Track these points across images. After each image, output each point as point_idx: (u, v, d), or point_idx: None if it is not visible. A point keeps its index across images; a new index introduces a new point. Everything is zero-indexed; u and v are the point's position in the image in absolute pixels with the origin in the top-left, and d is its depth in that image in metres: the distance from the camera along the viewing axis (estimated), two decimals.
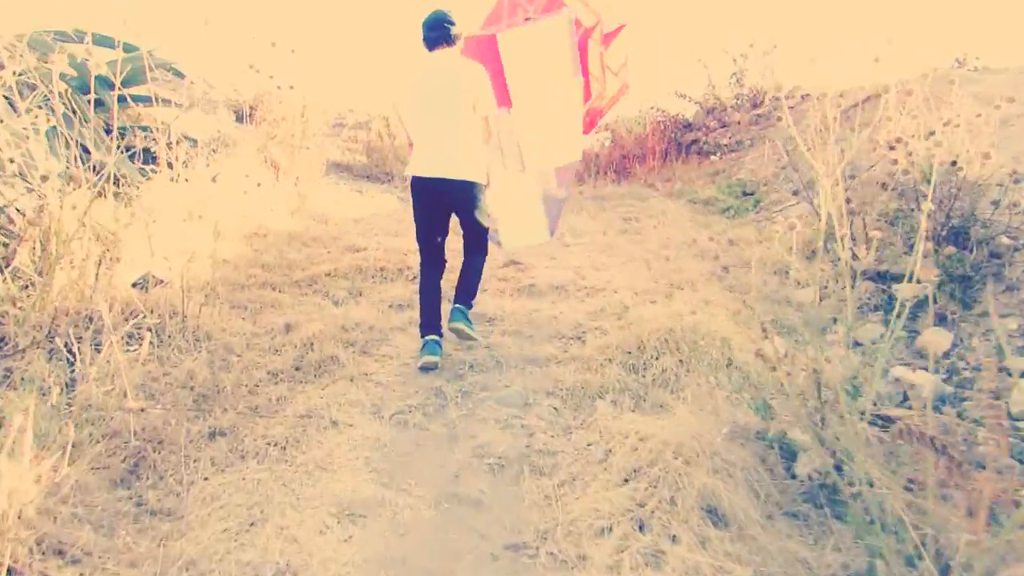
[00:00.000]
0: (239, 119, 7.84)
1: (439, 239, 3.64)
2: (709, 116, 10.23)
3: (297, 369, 3.27)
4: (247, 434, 2.71)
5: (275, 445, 2.67)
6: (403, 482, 2.47)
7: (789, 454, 2.44)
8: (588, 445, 2.68)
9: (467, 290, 3.61)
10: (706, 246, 4.89)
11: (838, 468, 2.15)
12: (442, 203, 3.54)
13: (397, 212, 5.82)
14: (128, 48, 4.75)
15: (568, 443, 2.74)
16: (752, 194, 6.81)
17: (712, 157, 8.49)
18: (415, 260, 4.64)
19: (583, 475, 2.47)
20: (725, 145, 8.77)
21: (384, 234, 5.05)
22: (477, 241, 3.67)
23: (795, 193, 5.64)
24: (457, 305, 3.56)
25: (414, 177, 3.49)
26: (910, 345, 3.39)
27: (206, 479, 2.42)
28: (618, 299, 4.00)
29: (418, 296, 3.59)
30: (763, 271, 4.38)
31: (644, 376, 3.15)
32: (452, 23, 3.54)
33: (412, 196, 3.56)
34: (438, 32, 3.53)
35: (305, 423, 2.83)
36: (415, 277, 4.43)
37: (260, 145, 6.05)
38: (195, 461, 2.51)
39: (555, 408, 3.00)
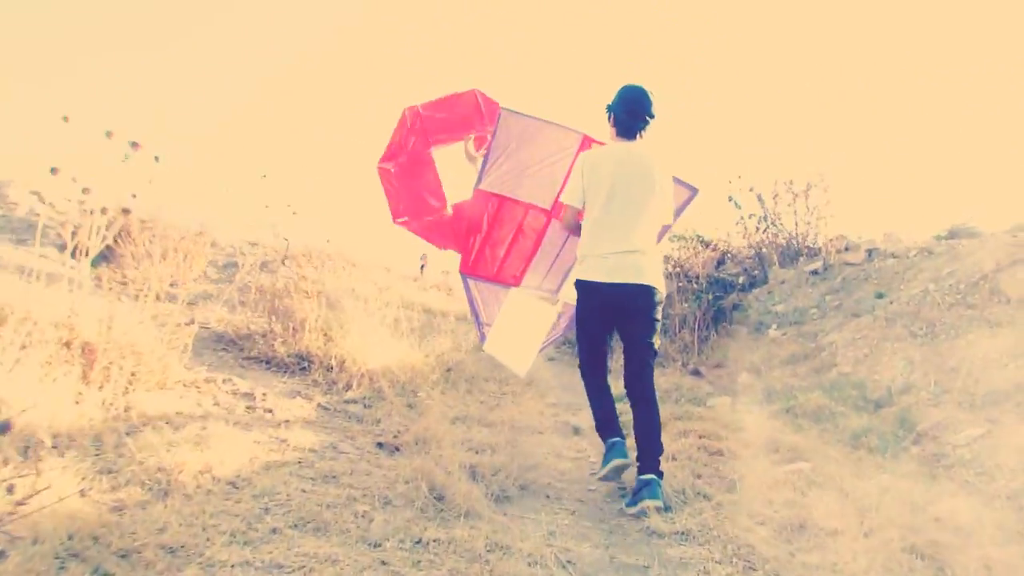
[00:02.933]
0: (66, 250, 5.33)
1: (607, 348, 3.59)
2: (736, 267, 8.29)
3: None
4: None
5: None
6: None
7: None
8: None
9: (653, 446, 3.24)
10: None
11: None
12: (616, 311, 3.36)
13: (326, 459, 3.20)
14: None
15: None
16: (882, 405, 4.60)
17: (771, 331, 6.35)
18: None
19: None
20: (779, 312, 6.69)
21: (301, 552, 2.44)
22: (645, 362, 3.35)
23: None
24: (648, 476, 3.14)
25: (588, 282, 3.36)
26: None
27: None
28: None
29: (587, 395, 3.54)
30: None
31: None
32: (652, 116, 3.47)
33: (582, 302, 3.45)
34: (635, 122, 3.46)
35: None
36: None
37: (66, 311, 3.46)
38: None
39: None
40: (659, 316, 3.37)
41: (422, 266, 14.41)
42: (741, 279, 7.63)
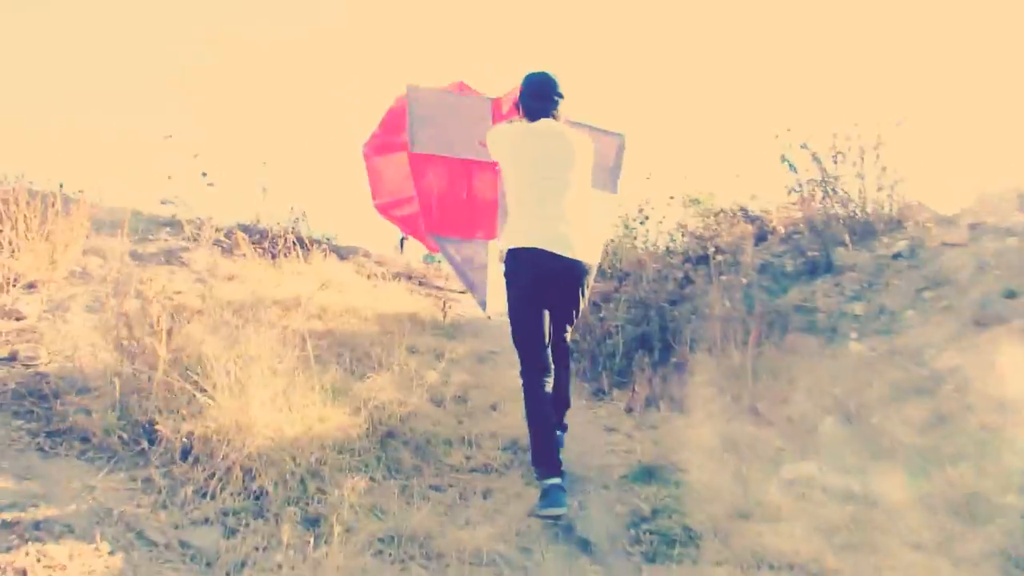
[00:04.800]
0: None
1: (547, 335, 3.25)
2: (781, 246, 6.57)
3: None
4: None
5: None
6: None
7: None
8: None
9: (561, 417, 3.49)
10: None
11: None
12: (553, 287, 3.22)
13: None
14: None
15: None
16: None
17: (852, 343, 4.65)
18: None
19: None
20: (858, 315, 4.98)
21: None
22: (565, 345, 3.49)
23: None
24: (552, 482, 2.95)
25: (522, 249, 3.17)
26: None
27: None
28: None
29: (527, 421, 3.12)
30: None
31: None
32: (561, 96, 3.42)
33: (515, 276, 3.24)
34: (545, 104, 3.40)
35: None
36: None
37: None
38: None
39: None
40: (587, 294, 3.39)
41: (402, 240, 12.58)
42: (798, 263, 5.91)
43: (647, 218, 6.98)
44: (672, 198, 7.11)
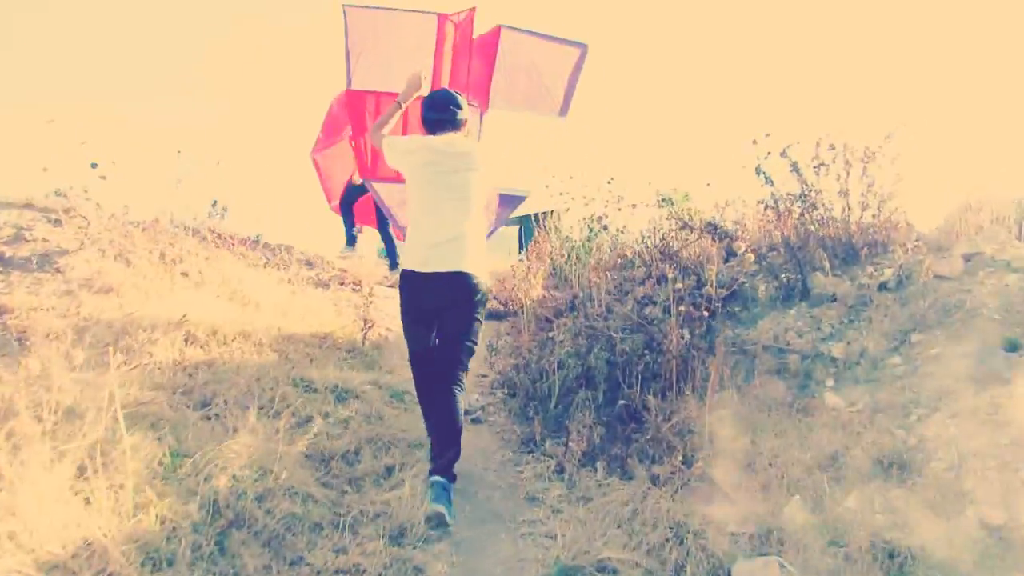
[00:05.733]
0: None
1: (432, 341, 3.32)
2: (751, 265, 5.87)
3: None
4: None
5: None
6: None
7: None
8: None
9: (447, 451, 3.14)
10: None
11: None
12: (435, 302, 3.22)
13: None
14: None
15: None
16: None
17: (828, 394, 3.97)
18: None
19: None
20: (837, 359, 4.30)
21: None
22: (458, 361, 3.27)
23: None
24: (437, 478, 3.05)
25: (408, 271, 3.26)
26: None
27: None
28: None
29: (423, 415, 3.35)
30: None
31: None
32: (460, 107, 3.41)
33: (402, 297, 3.31)
34: (443, 115, 3.38)
35: None
36: None
37: None
38: None
39: None
40: (480, 314, 3.31)
41: (357, 231, 11.60)
42: (771, 287, 5.21)
43: (605, 228, 6.26)
44: (634, 206, 6.38)
